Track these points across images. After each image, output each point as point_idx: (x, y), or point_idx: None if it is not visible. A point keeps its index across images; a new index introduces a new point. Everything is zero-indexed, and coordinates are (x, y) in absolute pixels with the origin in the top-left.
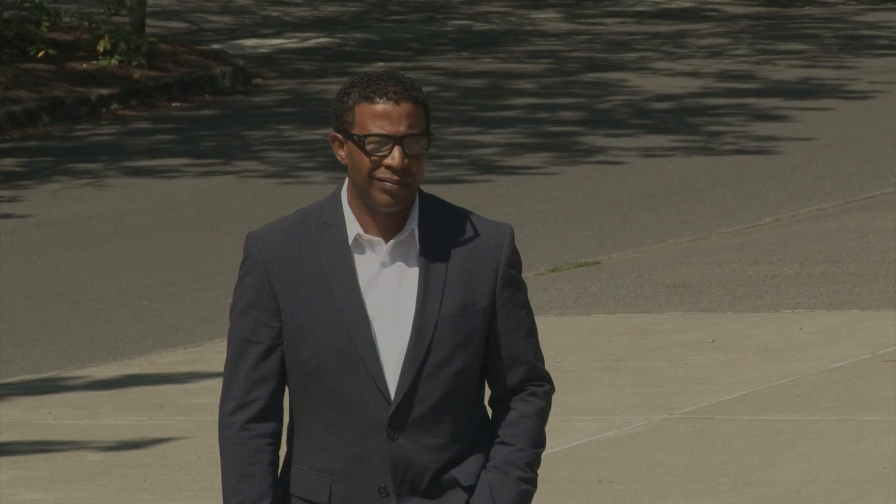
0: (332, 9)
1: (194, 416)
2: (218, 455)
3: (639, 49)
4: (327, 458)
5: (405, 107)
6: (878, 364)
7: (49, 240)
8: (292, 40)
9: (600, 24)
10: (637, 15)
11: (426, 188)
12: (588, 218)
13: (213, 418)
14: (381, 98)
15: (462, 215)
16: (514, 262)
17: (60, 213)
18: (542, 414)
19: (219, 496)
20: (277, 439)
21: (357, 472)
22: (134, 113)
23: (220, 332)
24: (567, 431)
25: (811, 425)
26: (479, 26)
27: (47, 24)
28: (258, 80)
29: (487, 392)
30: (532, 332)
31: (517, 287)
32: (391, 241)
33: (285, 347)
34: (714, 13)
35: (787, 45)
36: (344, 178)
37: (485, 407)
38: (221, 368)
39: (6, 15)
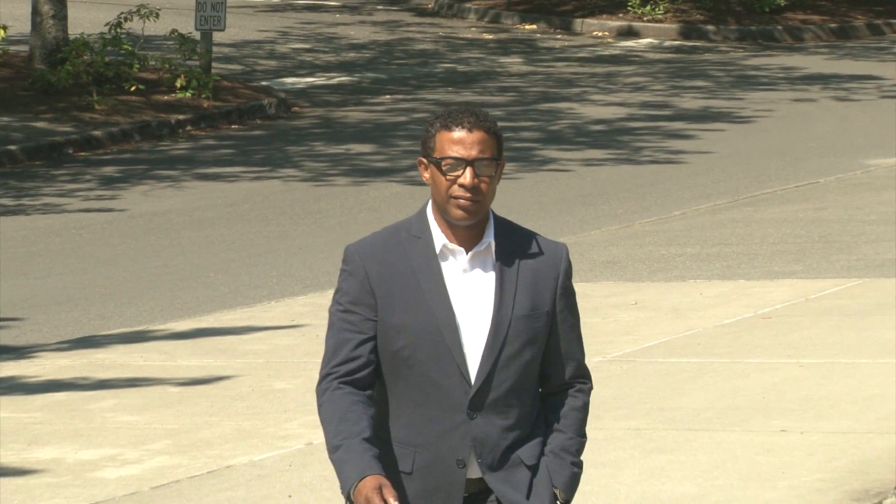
0: (351, 55)
1: (249, 360)
2: (267, 388)
3: (580, 85)
4: (413, 433)
5: (477, 135)
6: (759, 320)
7: (139, 228)
8: (321, 78)
9: (552, 66)
10: (579, 60)
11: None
12: (542, 212)
13: (263, 360)
14: (457, 127)
15: (527, 234)
16: (570, 274)
17: (148, 208)
18: (587, 409)
19: (266, 420)
20: (369, 402)
21: (439, 445)
22: (203, 133)
23: (267, 296)
24: None
25: (709, 366)
26: (461, 68)
27: (138, 66)
28: (296, 109)
29: None
30: (580, 334)
31: (571, 295)
32: (471, 251)
33: (379, 339)
34: (637, 58)
35: (692, 82)
36: (427, 199)
37: (538, 399)
38: (269, 324)
39: (107, 59)
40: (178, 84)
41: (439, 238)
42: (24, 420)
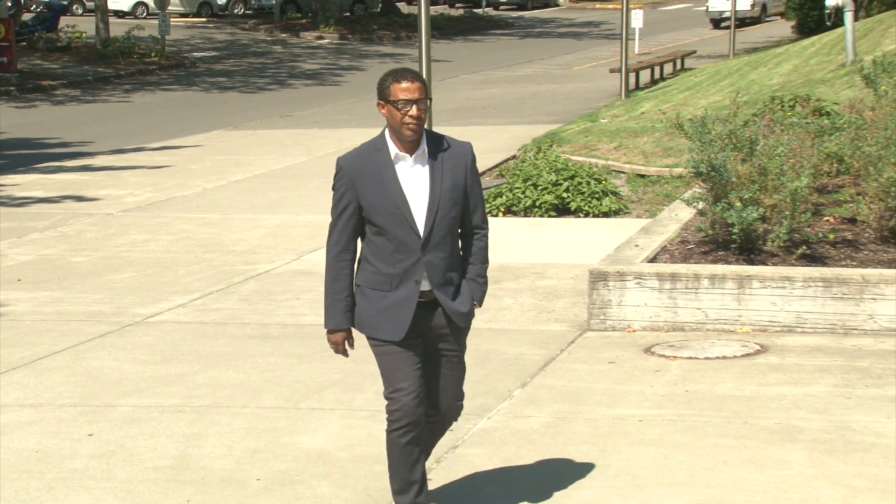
0: (218, 44)
1: (187, 155)
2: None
3: (302, 58)
4: (390, 267)
5: (416, 84)
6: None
7: (142, 108)
8: (208, 53)
9: (293, 51)
10: (301, 48)
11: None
12: (284, 102)
13: (195, 155)
14: (404, 80)
15: (444, 138)
16: (475, 160)
17: (144, 101)
18: (487, 246)
19: (197, 178)
20: (353, 265)
21: (405, 273)
22: (162, 74)
23: (199, 132)
24: None
25: None
26: (258, 50)
27: (137, 48)
28: (198, 64)
29: None
30: (483, 198)
31: (476, 175)
32: (413, 155)
33: (364, 215)
34: (323, 49)
35: (344, 56)
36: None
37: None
38: (197, 144)
39: (126, 45)
40: (153, 54)
41: (393, 149)
42: (92, 179)
